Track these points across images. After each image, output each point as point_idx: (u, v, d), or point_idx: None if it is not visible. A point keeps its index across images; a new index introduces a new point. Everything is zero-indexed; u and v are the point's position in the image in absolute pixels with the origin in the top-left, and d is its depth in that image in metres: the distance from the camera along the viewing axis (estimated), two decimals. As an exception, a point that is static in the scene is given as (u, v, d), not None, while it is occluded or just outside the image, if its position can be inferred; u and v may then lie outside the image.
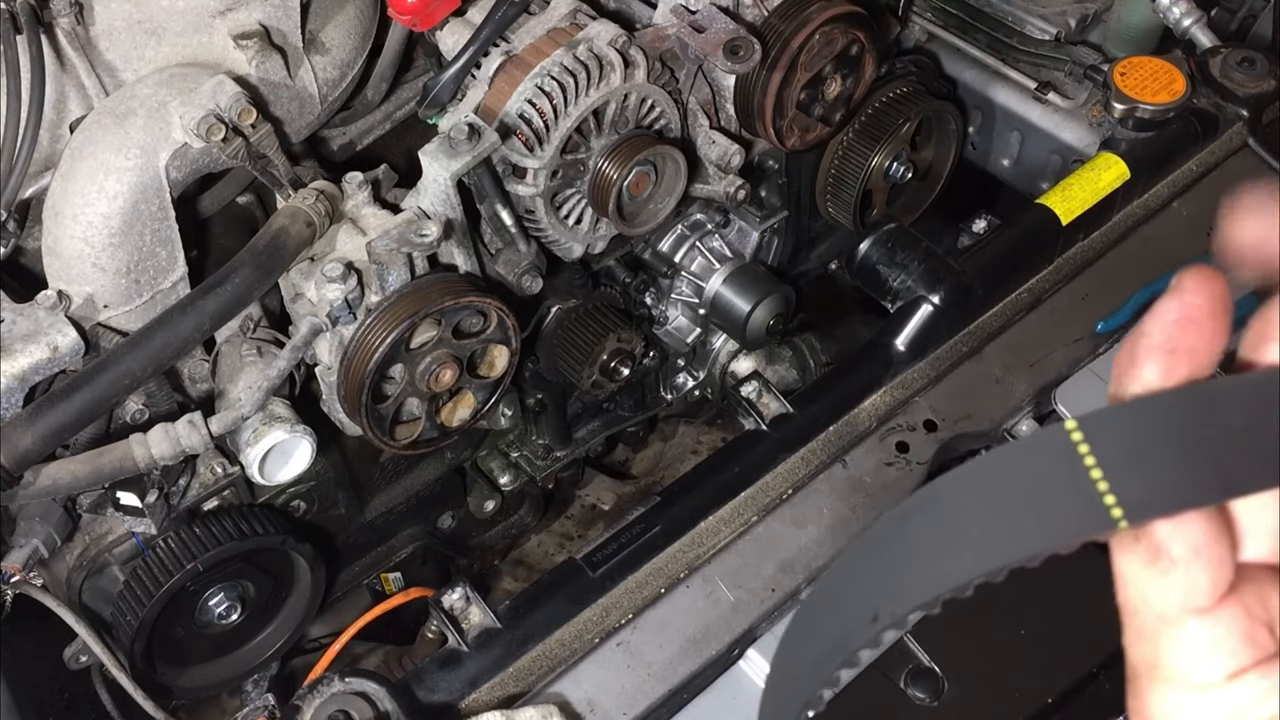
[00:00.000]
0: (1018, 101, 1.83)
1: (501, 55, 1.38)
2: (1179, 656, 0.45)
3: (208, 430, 1.23)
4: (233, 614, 1.40)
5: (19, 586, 1.27)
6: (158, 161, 1.25)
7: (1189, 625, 0.44)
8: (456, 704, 1.22)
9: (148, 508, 1.27)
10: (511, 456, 1.73)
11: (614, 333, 1.51)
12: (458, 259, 1.35)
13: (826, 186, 1.69)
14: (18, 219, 1.35)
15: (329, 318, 1.24)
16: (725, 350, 1.77)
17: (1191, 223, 1.60)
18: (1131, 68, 1.64)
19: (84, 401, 1.17)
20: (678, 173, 1.44)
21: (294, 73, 1.37)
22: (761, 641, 1.28)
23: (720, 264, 1.64)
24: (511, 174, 1.38)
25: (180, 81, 1.28)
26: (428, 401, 1.35)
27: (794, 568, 1.32)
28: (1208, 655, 0.44)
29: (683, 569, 1.32)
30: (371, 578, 1.66)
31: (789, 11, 1.45)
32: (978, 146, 1.90)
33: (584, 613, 1.28)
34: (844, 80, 1.54)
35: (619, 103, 1.38)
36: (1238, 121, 1.65)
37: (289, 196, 1.29)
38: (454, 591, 1.28)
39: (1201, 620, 0.44)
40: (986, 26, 1.84)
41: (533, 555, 2.01)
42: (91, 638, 1.28)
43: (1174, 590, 0.44)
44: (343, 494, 1.51)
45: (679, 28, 1.44)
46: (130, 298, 1.28)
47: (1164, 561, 0.44)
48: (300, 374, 1.34)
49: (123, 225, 1.25)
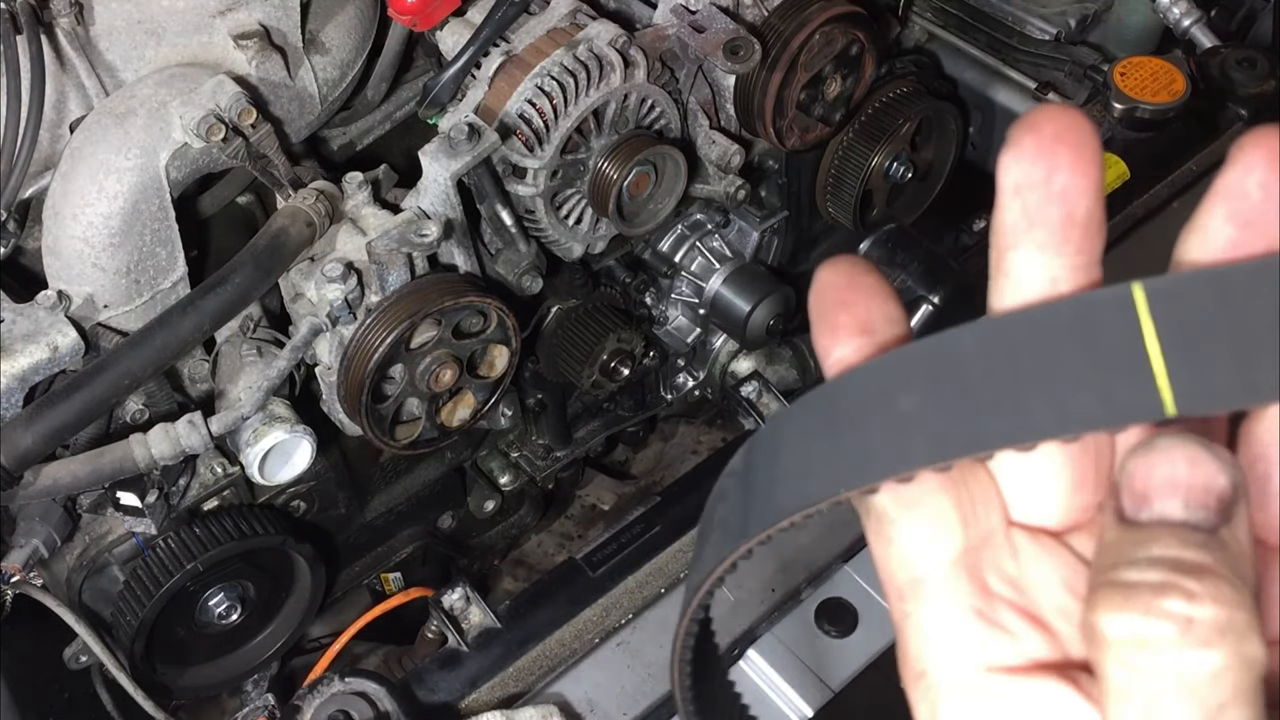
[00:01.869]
0: (1018, 101, 1.83)
1: (501, 55, 1.38)
2: (916, 646, 0.39)
3: (208, 430, 1.23)
4: (233, 614, 1.40)
5: (19, 586, 1.27)
6: (158, 161, 1.25)
7: (921, 602, 0.39)
8: (456, 704, 1.22)
9: (148, 508, 1.27)
10: (511, 456, 1.73)
11: (614, 333, 1.51)
12: (458, 259, 1.35)
13: (826, 186, 1.69)
14: (18, 219, 1.35)
15: (329, 318, 1.24)
16: (725, 350, 1.77)
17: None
18: (1131, 68, 1.64)
19: (84, 401, 1.17)
20: (678, 173, 1.44)
21: (294, 73, 1.37)
22: (761, 641, 1.29)
23: (720, 264, 1.64)
24: (511, 174, 1.38)
25: (180, 81, 1.28)
26: (428, 401, 1.35)
27: (794, 568, 1.32)
28: (940, 641, 0.39)
29: (683, 569, 1.32)
30: (371, 578, 1.66)
31: (789, 11, 1.45)
32: (978, 146, 1.90)
33: (584, 613, 1.28)
34: (844, 80, 1.54)
35: (619, 103, 1.38)
36: (1238, 121, 1.65)
37: (289, 196, 1.29)
38: (454, 591, 1.28)
39: (931, 594, 0.39)
40: (986, 26, 1.84)
41: (533, 555, 2.01)
42: (91, 638, 1.28)
43: (897, 557, 0.39)
44: (343, 494, 1.51)
45: (679, 28, 1.44)
46: (130, 298, 1.28)
47: (886, 526, 0.39)
48: (300, 374, 1.34)
49: (123, 225, 1.25)
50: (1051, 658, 0.38)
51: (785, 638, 1.29)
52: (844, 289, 0.41)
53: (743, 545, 0.39)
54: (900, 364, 0.37)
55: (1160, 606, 0.32)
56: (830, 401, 0.38)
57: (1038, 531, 0.41)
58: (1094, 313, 0.35)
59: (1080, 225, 0.39)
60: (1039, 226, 0.38)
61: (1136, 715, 0.32)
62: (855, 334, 0.40)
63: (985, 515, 0.40)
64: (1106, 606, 0.33)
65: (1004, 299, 0.40)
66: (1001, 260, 0.39)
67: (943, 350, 0.36)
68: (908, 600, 0.39)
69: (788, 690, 1.25)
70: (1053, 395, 0.35)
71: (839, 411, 0.38)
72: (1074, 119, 0.38)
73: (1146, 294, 0.34)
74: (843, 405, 0.38)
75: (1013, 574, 0.40)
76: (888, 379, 0.37)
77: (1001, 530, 0.41)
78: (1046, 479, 0.41)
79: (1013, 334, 0.36)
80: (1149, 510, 0.34)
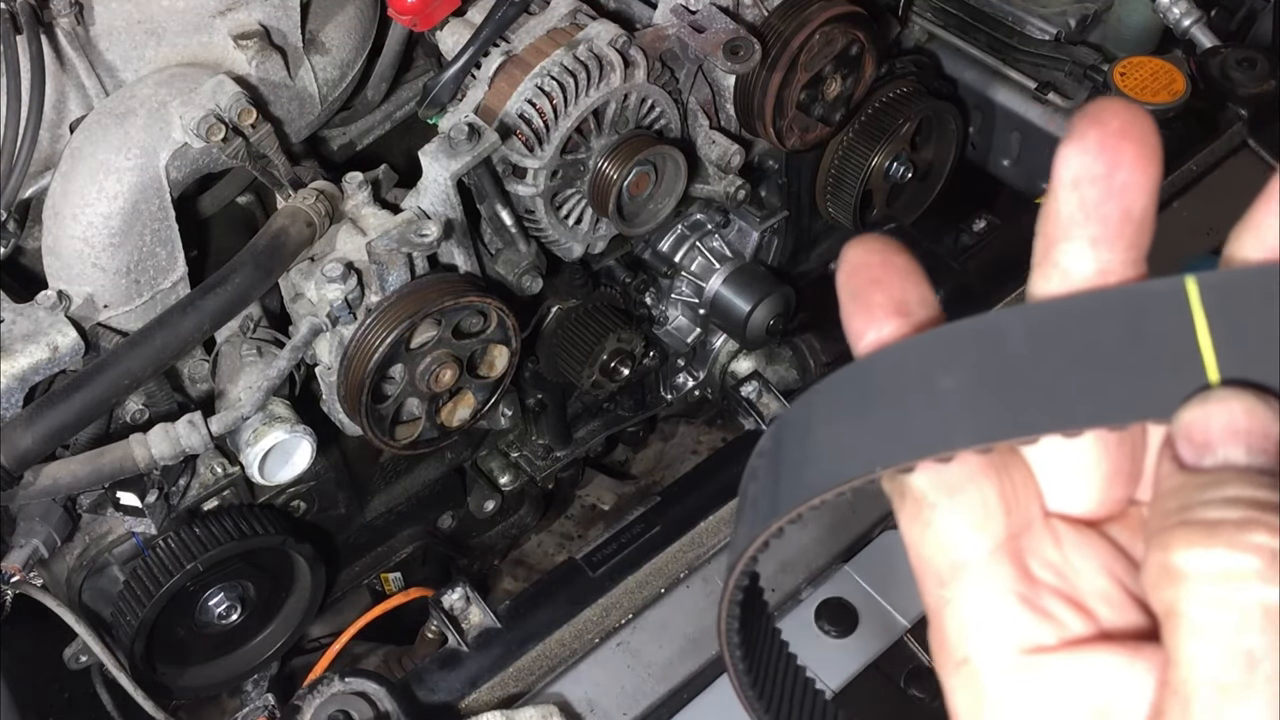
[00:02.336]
0: (1018, 101, 1.83)
1: (501, 55, 1.38)
2: (956, 632, 0.39)
3: (208, 430, 1.23)
4: (233, 614, 1.40)
5: (19, 586, 1.27)
6: (158, 161, 1.25)
7: (962, 588, 0.39)
8: (456, 704, 1.22)
9: (148, 508, 1.27)
10: (511, 456, 1.73)
11: (614, 333, 1.51)
12: (458, 259, 1.35)
13: (826, 186, 1.69)
14: (18, 219, 1.35)
15: (329, 318, 1.24)
16: (725, 350, 1.77)
17: (1191, 223, 1.60)
18: (1131, 68, 1.64)
19: (84, 401, 1.17)
20: (678, 173, 1.44)
21: (294, 73, 1.37)
22: (761, 641, 1.28)
23: (720, 264, 1.64)
24: (511, 174, 1.38)
25: (180, 81, 1.28)
26: (428, 401, 1.35)
27: (794, 568, 1.32)
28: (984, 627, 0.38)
29: (683, 569, 1.32)
30: (371, 578, 1.66)
31: (789, 11, 1.45)
32: (978, 146, 1.90)
33: (584, 613, 1.28)
34: (844, 80, 1.54)
35: (619, 103, 1.38)
36: (1238, 121, 1.65)
37: (289, 196, 1.29)
38: (454, 591, 1.28)
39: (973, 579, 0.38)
40: (986, 26, 1.84)
41: (533, 555, 2.01)
42: (91, 638, 1.28)
43: (935, 542, 0.39)
44: (343, 494, 1.51)
45: (679, 28, 1.44)
46: (130, 298, 1.28)
47: (925, 510, 0.39)
48: (300, 374, 1.34)
49: (123, 225, 1.25)
50: (1091, 634, 0.39)
51: (785, 638, 1.29)
52: (877, 268, 0.41)
53: (775, 523, 0.39)
54: (942, 343, 0.37)
55: (1247, 540, 0.32)
56: (866, 378, 0.38)
57: (1074, 520, 0.41)
58: (1146, 303, 0.35)
59: (1136, 222, 0.39)
60: (1095, 221, 0.38)
61: (1218, 649, 0.32)
62: (891, 314, 0.40)
63: (1025, 503, 0.40)
64: (1187, 542, 0.33)
65: (1050, 288, 0.39)
66: (1050, 250, 0.39)
67: (988, 331, 0.36)
68: (948, 586, 0.39)
69: (788, 690, 1.25)
70: (1102, 383, 0.35)
71: (876, 389, 0.37)
72: (1137, 115, 0.38)
73: (1200, 287, 0.35)
74: (879, 382, 0.37)
75: (1054, 560, 0.40)
76: (929, 358, 0.37)
77: (1041, 518, 0.41)
78: (1084, 469, 0.41)
79: (1063, 320, 0.36)
80: (1213, 456, 0.34)
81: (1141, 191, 0.38)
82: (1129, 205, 0.38)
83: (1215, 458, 0.34)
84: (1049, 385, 0.35)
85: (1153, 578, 0.34)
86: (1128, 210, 0.38)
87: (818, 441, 0.38)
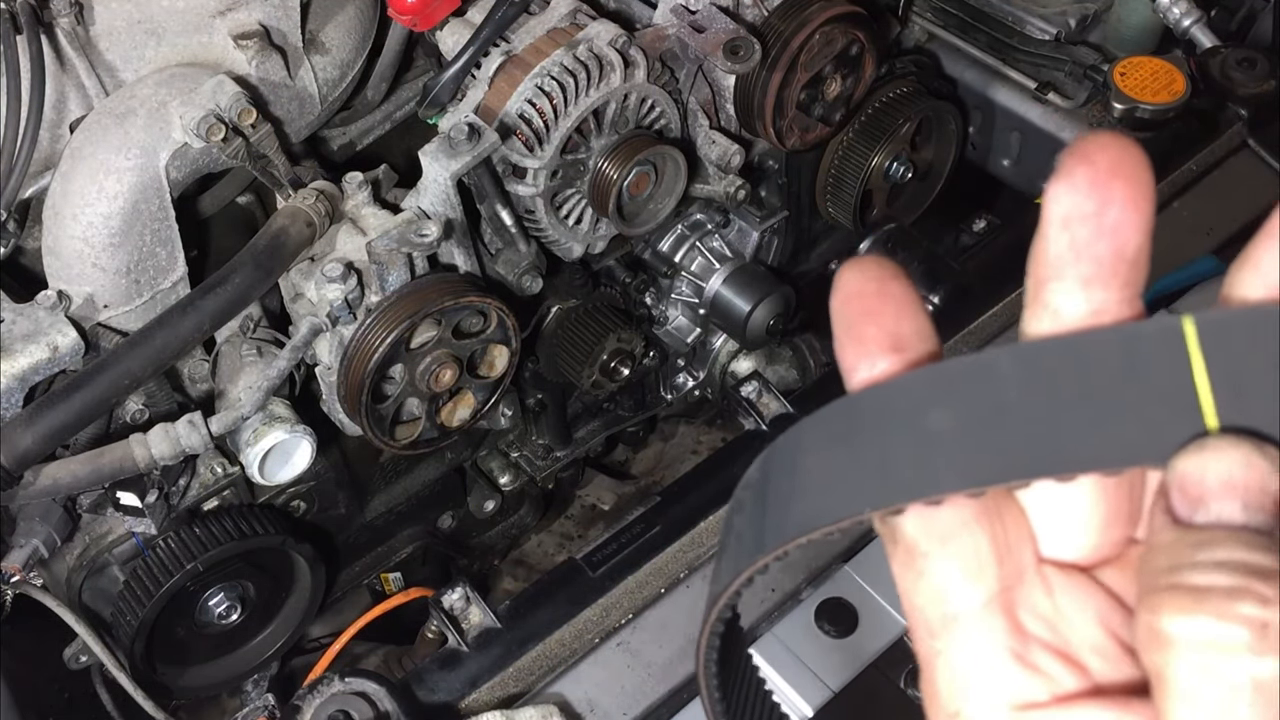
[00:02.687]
0: (1018, 101, 1.83)
1: (501, 55, 1.38)
2: (947, 685, 0.38)
3: (208, 430, 1.23)
4: (233, 614, 1.40)
5: (19, 586, 1.27)
6: (158, 161, 1.25)
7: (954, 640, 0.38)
8: (456, 704, 1.22)
9: (148, 508, 1.27)
10: (511, 456, 1.73)
11: (614, 333, 1.51)
12: (458, 259, 1.35)
13: (826, 186, 1.69)
14: (18, 219, 1.35)
15: (329, 318, 1.24)
16: (725, 350, 1.77)
17: (1191, 223, 1.60)
18: (1131, 68, 1.64)
19: (84, 401, 1.17)
20: (678, 173, 1.44)
21: (294, 73, 1.37)
22: (761, 641, 1.29)
23: (720, 264, 1.64)
24: (511, 174, 1.38)
25: (180, 81, 1.28)
26: (428, 401, 1.35)
27: (794, 568, 1.32)
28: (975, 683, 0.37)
29: (683, 569, 1.32)
30: (371, 578, 1.66)
31: (789, 11, 1.45)
32: (978, 146, 1.90)
33: (584, 613, 1.28)
34: (844, 80, 1.54)
35: (619, 103, 1.38)
36: (1238, 121, 1.65)
37: (289, 196, 1.29)
38: (454, 591, 1.28)
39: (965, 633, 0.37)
40: (986, 26, 1.84)
41: (533, 555, 2.01)
42: (91, 638, 1.28)
43: (928, 592, 0.38)
44: (343, 494, 1.51)
45: (679, 28, 1.44)
46: (130, 298, 1.28)
47: (918, 560, 0.38)
48: (300, 374, 1.34)
49: (123, 225, 1.25)
50: (1083, 689, 0.38)
51: (785, 638, 1.29)
52: (871, 297, 0.39)
53: (759, 560, 0.38)
54: (933, 382, 0.36)
55: (1235, 611, 0.31)
56: (855, 416, 0.37)
57: (1068, 567, 0.40)
58: (1142, 344, 0.34)
59: (1129, 261, 0.38)
60: (1086, 261, 0.37)
61: (1207, 718, 0.32)
62: (885, 349, 0.39)
63: (1019, 551, 0.39)
64: (1175, 608, 0.32)
65: (1042, 329, 0.38)
66: (1041, 291, 0.38)
67: (980, 371, 0.35)
68: (939, 638, 0.38)
69: (788, 690, 1.25)
70: (1097, 426, 0.34)
71: (865, 427, 0.37)
72: (1128, 150, 0.37)
73: (1198, 328, 0.34)
74: (869, 421, 0.37)
75: (1046, 612, 0.39)
76: (920, 397, 0.36)
77: (1034, 566, 0.40)
78: (1079, 513, 0.40)
79: (1056, 360, 0.35)
80: (1205, 513, 0.33)
81: (1134, 230, 0.37)
82: (1121, 244, 0.37)
83: (1209, 514, 0.33)
84: (1042, 428, 0.34)
85: (1142, 639, 0.33)
86: (1120, 249, 0.37)
87: (805, 479, 0.38)
